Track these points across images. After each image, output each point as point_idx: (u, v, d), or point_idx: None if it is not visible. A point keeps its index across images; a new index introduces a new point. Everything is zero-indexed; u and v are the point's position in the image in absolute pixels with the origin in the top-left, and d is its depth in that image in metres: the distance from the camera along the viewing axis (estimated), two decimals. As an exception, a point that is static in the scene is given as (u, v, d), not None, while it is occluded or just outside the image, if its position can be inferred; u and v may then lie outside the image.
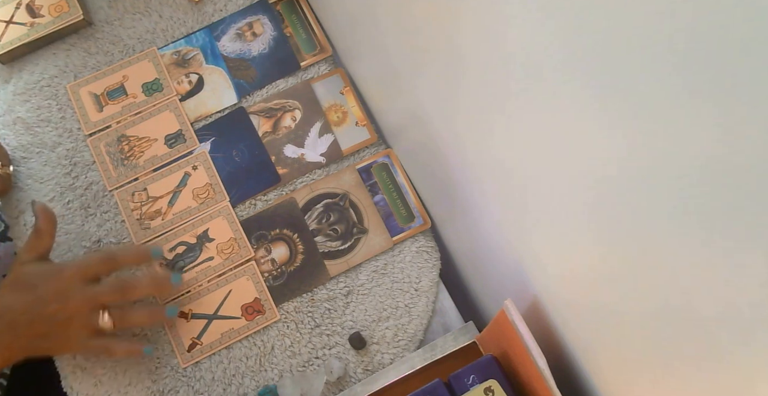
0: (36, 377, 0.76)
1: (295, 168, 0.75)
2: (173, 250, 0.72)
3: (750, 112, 0.20)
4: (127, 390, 0.67)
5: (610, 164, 0.30)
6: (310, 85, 0.78)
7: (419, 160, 0.68)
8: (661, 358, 0.33)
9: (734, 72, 0.20)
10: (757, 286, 0.23)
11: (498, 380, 0.50)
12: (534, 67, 0.33)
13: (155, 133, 0.76)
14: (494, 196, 0.50)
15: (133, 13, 0.82)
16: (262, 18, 0.81)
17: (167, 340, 0.69)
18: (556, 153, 0.35)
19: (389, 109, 0.71)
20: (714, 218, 0.24)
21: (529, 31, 0.32)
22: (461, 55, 0.42)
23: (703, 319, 0.28)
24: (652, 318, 0.32)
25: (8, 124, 0.78)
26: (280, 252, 0.72)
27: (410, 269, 0.70)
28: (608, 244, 0.34)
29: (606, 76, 0.27)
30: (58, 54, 0.80)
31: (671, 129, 0.24)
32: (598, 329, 0.41)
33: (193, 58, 0.79)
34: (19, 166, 0.76)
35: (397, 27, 0.53)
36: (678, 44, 0.21)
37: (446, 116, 0.52)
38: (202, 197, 0.74)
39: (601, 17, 0.25)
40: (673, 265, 0.28)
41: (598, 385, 0.46)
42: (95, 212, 0.74)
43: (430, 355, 0.62)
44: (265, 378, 0.67)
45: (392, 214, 0.73)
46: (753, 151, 0.20)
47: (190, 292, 0.70)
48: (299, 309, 0.69)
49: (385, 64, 0.63)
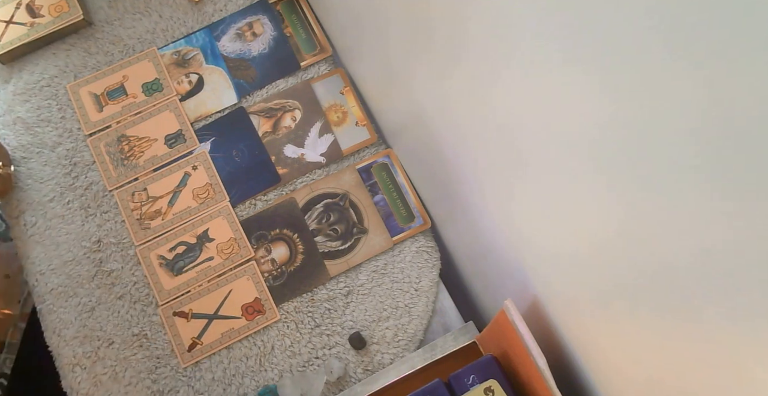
0: (36, 377, 0.76)
1: (295, 168, 0.75)
2: (173, 250, 0.72)
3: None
4: (127, 390, 0.67)
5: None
6: (310, 85, 0.78)
7: (419, 160, 0.68)
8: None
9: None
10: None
11: (498, 380, 0.50)
12: (535, 66, 0.33)
13: (155, 133, 0.76)
14: (493, 196, 0.50)
15: (133, 13, 0.82)
16: (262, 18, 0.81)
17: (167, 340, 0.69)
18: (556, 152, 0.35)
19: (389, 109, 0.71)
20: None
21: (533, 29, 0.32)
22: (461, 54, 0.42)
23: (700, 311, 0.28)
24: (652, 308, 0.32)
25: (8, 124, 0.78)
26: (280, 252, 0.72)
27: (410, 269, 0.70)
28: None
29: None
30: (58, 54, 0.80)
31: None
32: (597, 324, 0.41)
33: (193, 58, 0.80)
34: (19, 166, 0.76)
35: (398, 27, 0.53)
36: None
37: (446, 116, 0.52)
38: (202, 197, 0.74)
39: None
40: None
41: (598, 384, 0.46)
42: (95, 212, 0.74)
43: (430, 355, 0.62)
44: (265, 378, 0.67)
45: (392, 214, 0.73)
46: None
47: (190, 292, 0.70)
48: (299, 309, 0.69)
49: (385, 64, 0.63)
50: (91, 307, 0.70)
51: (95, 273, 0.72)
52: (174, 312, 0.69)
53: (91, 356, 0.68)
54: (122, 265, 0.72)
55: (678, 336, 0.31)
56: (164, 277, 0.71)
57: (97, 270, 0.72)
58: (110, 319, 0.70)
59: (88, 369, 0.68)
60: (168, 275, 0.71)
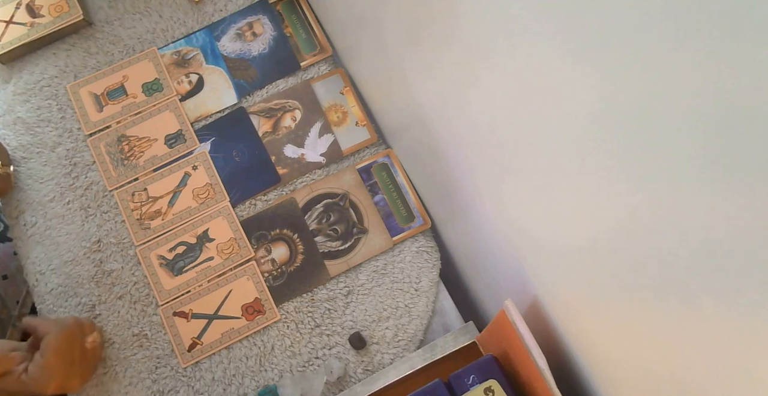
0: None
1: (295, 168, 0.75)
2: (173, 250, 0.72)
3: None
4: (127, 390, 0.67)
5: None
6: (310, 85, 0.78)
7: (419, 160, 0.68)
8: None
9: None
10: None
11: (498, 380, 0.50)
12: (537, 66, 0.33)
13: (155, 133, 0.76)
14: (492, 196, 0.50)
15: (133, 13, 0.82)
16: (262, 18, 0.81)
17: (167, 340, 0.69)
18: (556, 148, 0.36)
19: (389, 109, 0.71)
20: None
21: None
22: (462, 54, 0.42)
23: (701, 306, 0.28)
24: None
25: (8, 124, 0.78)
26: (280, 252, 0.72)
27: (410, 269, 0.70)
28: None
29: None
30: (58, 54, 0.80)
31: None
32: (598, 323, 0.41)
33: (193, 58, 0.79)
34: (19, 166, 0.76)
35: (398, 27, 0.53)
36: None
37: (444, 116, 0.52)
38: (202, 197, 0.74)
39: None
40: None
41: (598, 384, 0.46)
42: (95, 212, 0.74)
43: (430, 355, 0.62)
44: (265, 378, 0.67)
45: (392, 214, 0.73)
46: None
47: (190, 292, 0.70)
48: (299, 309, 0.69)
49: (385, 64, 0.63)
50: (91, 307, 0.70)
51: (95, 273, 0.72)
52: (174, 312, 0.69)
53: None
54: (122, 265, 0.72)
55: (679, 335, 0.31)
56: (164, 277, 0.71)
57: (97, 270, 0.72)
58: (110, 319, 0.70)
59: (88, 369, 0.68)
60: (168, 275, 0.71)
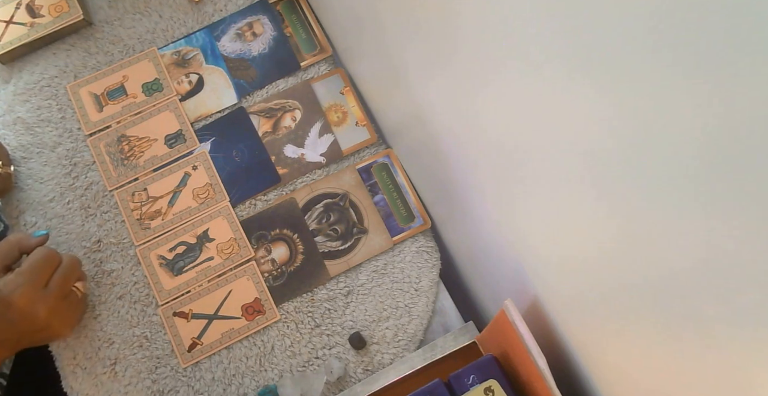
0: (36, 377, 0.76)
1: (295, 168, 0.75)
2: (173, 250, 0.72)
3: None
4: (127, 390, 0.67)
5: (605, 149, 0.30)
6: (310, 85, 0.78)
7: (419, 160, 0.68)
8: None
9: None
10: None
11: (498, 380, 0.50)
12: (535, 65, 0.33)
13: (155, 133, 0.76)
14: (493, 197, 0.50)
15: (133, 13, 0.82)
16: (262, 18, 0.81)
17: (167, 340, 0.69)
18: (555, 148, 0.35)
19: (389, 109, 0.71)
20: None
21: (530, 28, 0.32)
22: (462, 54, 0.42)
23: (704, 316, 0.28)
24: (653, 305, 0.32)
25: (8, 124, 0.78)
26: (280, 252, 0.72)
27: (410, 269, 0.70)
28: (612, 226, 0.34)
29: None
30: (58, 54, 0.80)
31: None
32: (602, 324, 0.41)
33: (193, 58, 0.79)
34: (19, 166, 0.76)
35: (399, 26, 0.53)
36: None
37: (445, 117, 0.52)
38: (202, 197, 0.74)
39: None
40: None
41: (598, 384, 0.46)
42: (95, 212, 0.74)
43: (430, 355, 0.62)
44: (265, 378, 0.67)
45: (392, 214, 0.73)
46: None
47: (190, 292, 0.70)
48: (299, 309, 0.69)
49: (385, 64, 0.63)
50: (91, 307, 0.70)
51: (95, 273, 0.72)
52: (174, 312, 0.69)
53: (92, 357, 0.68)
54: (122, 265, 0.72)
55: (679, 334, 0.31)
56: (164, 277, 0.71)
57: (97, 270, 0.72)
58: (110, 319, 0.70)
59: (88, 369, 0.68)
60: (168, 275, 0.71)
